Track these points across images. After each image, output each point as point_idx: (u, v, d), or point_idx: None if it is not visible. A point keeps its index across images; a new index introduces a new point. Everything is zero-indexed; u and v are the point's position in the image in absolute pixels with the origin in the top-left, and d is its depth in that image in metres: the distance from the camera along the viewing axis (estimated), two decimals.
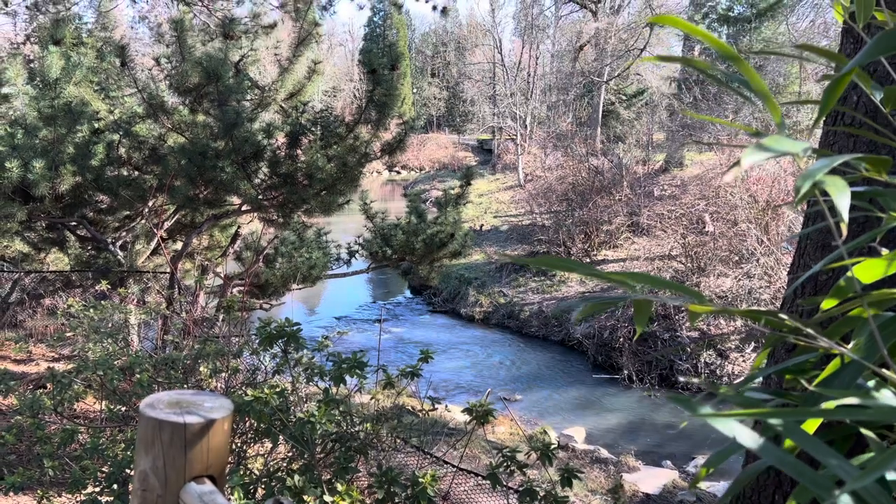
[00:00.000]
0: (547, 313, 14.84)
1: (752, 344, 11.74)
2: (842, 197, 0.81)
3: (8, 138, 6.35)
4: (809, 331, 0.91)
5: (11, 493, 2.39)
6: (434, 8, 9.12)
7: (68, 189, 6.39)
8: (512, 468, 2.33)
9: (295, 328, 2.65)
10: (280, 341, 2.64)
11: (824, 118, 2.37)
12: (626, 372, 11.89)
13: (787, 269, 2.41)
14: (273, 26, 7.68)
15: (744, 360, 11.60)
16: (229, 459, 2.65)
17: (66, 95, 6.42)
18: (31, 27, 9.71)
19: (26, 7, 9.70)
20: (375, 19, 60.88)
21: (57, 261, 8.07)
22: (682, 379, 11.49)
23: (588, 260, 16.97)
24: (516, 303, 15.73)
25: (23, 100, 6.59)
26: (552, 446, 2.33)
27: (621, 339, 12.43)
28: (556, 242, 17.15)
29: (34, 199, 6.36)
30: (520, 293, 16.17)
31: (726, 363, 11.52)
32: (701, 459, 8.94)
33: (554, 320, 14.56)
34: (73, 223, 7.65)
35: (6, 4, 9.09)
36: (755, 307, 11.86)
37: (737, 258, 13.25)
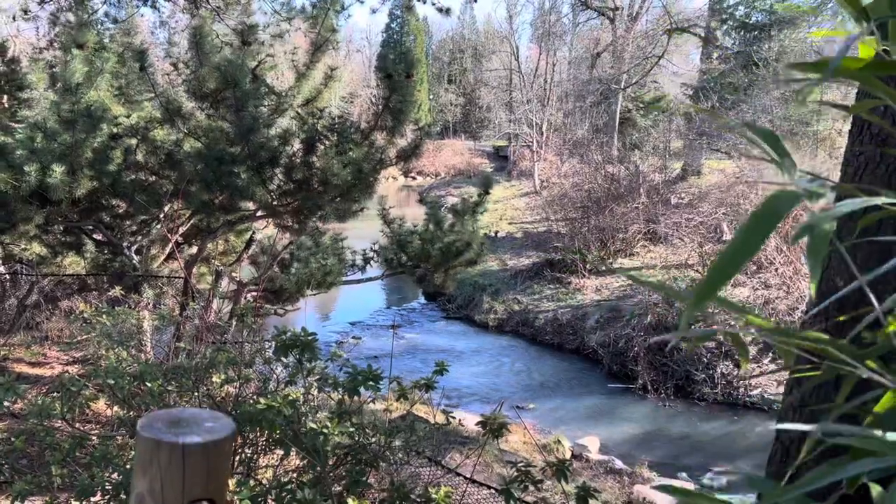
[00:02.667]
0: (562, 321, 14.74)
1: (770, 355, 11.59)
2: (815, 261, 0.76)
3: (28, 142, 6.39)
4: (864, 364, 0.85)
5: (18, 501, 2.38)
6: (440, 10, 9.16)
7: (85, 193, 6.42)
8: (526, 484, 2.29)
9: (311, 338, 2.62)
10: (295, 351, 2.61)
11: (849, 129, 2.31)
12: (641, 382, 11.77)
13: (809, 280, 2.27)
14: (282, 35, 7.70)
15: (761, 371, 11.45)
16: (239, 470, 2.62)
17: (87, 100, 6.46)
18: (53, 32, 9.80)
19: (50, 14, 9.80)
20: (393, 26, 61.17)
21: (73, 264, 8.12)
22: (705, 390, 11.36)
23: (604, 268, 16.86)
24: (531, 310, 15.64)
25: (43, 104, 6.64)
26: (567, 463, 2.28)
27: (636, 349, 12.31)
28: (571, 249, 17.06)
29: (52, 202, 6.39)
30: (534, 300, 16.09)
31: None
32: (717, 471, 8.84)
33: (569, 328, 14.46)
34: (90, 227, 7.69)
35: (26, 12, 9.19)
36: (774, 318, 11.67)
37: (754, 267, 13.09)
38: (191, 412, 0.97)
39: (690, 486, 8.45)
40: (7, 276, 9.07)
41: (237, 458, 2.56)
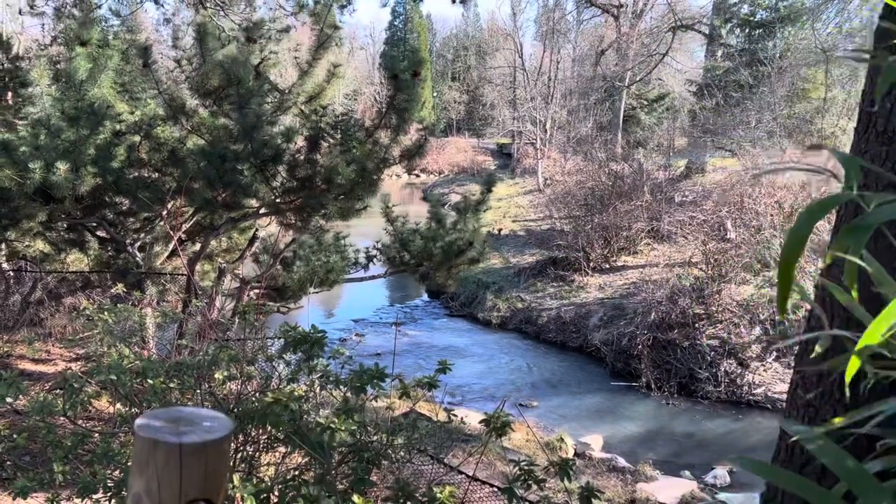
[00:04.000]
0: (565, 319, 14.73)
1: (774, 353, 11.56)
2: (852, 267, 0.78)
3: (32, 139, 6.39)
4: None
5: (21, 497, 2.39)
6: (453, 1, 9.16)
7: (88, 190, 6.41)
8: (529, 482, 2.28)
9: (320, 335, 2.62)
10: (303, 347, 2.61)
11: (855, 128, 2.29)
12: (644, 380, 11.76)
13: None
14: (288, 30, 7.69)
15: (764, 370, 11.43)
16: (241, 468, 2.62)
17: (90, 97, 6.45)
18: (57, 29, 9.81)
19: (54, 9, 9.80)
20: (396, 23, 61.13)
21: (77, 261, 8.13)
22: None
23: (607, 266, 16.83)
24: (534, 308, 15.63)
25: (47, 101, 6.64)
26: (571, 462, 2.27)
27: (640, 347, 12.29)
28: (575, 248, 17.04)
29: (55, 199, 6.39)
30: (538, 298, 16.07)
31: (747, 372, 11.35)
32: (720, 470, 8.81)
33: (572, 326, 14.45)
34: (93, 224, 7.70)
35: (32, 7, 9.18)
36: (776, 316, 11.63)
37: (759, 265, 13.06)
38: (189, 411, 0.96)
39: (694, 484, 8.44)
40: (11, 273, 9.08)
41: (239, 455, 2.56)
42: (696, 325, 12.23)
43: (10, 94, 8.33)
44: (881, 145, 2.10)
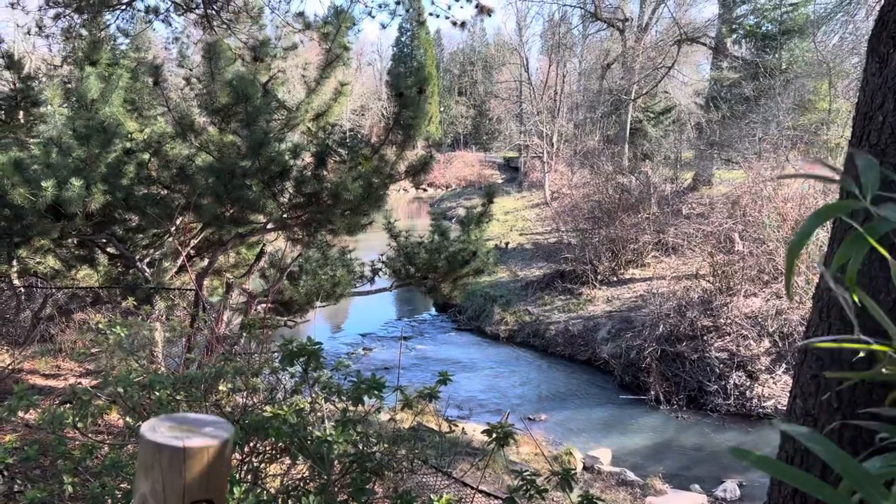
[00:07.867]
0: (573, 332, 14.70)
1: (783, 366, 11.51)
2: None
3: (44, 157, 6.49)
4: None
5: None
6: (454, 23, 9.30)
7: (99, 207, 6.50)
8: (531, 493, 2.30)
9: (316, 347, 2.66)
10: (301, 360, 2.64)
11: (849, 140, 2.33)
12: (653, 393, 11.71)
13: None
14: (295, 47, 7.81)
15: (774, 382, 11.37)
16: (247, 478, 2.65)
17: (101, 115, 6.55)
18: (68, 49, 9.97)
19: (63, 30, 9.96)
20: (403, 39, 61.55)
21: (87, 277, 8.21)
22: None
23: (615, 278, 16.82)
24: (542, 321, 15.61)
25: (58, 120, 6.75)
26: (572, 472, 2.29)
27: (648, 359, 12.26)
28: (582, 260, 17.04)
29: (66, 216, 6.48)
30: (545, 311, 16.06)
31: (756, 385, 11.30)
32: (730, 483, 8.76)
33: (580, 339, 14.43)
34: (103, 241, 7.78)
35: (41, 28, 9.34)
36: (785, 328, 11.59)
37: (766, 278, 13.03)
38: (192, 416, 1.01)
39: (703, 498, 8.39)
40: (22, 290, 9.18)
41: (245, 467, 2.60)
42: (705, 337, 12.19)
43: (21, 113, 8.47)
44: (874, 157, 2.14)
